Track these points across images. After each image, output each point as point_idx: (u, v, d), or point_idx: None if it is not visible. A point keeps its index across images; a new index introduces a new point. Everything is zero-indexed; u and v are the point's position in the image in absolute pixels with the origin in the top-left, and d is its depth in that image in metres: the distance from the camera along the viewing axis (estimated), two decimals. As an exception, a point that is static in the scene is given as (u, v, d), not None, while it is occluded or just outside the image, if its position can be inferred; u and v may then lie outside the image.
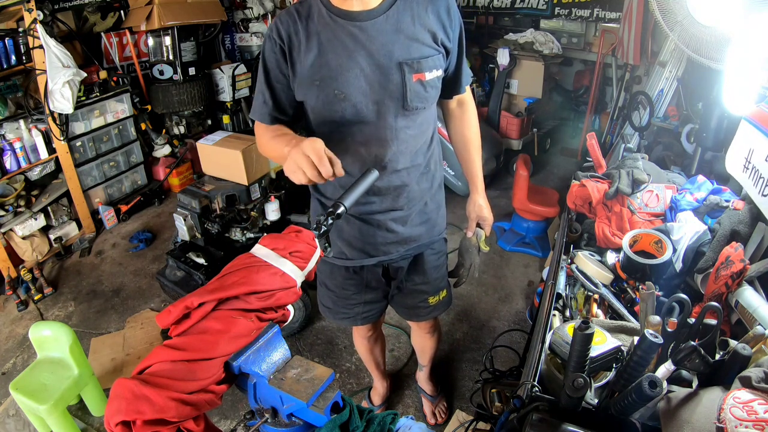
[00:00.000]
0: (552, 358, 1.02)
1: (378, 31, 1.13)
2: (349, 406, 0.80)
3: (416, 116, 1.24)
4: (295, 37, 1.15)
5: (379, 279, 1.51)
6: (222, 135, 2.55)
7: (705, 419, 0.76)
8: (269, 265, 0.90)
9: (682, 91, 2.74)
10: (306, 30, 1.15)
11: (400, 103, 1.18)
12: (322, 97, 1.17)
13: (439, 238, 1.50)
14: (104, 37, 3.50)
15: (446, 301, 1.63)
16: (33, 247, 3.04)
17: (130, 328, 2.60)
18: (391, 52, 1.13)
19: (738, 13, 1.35)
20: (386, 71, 1.14)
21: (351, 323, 1.63)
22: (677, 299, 1.01)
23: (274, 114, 1.24)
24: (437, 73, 1.20)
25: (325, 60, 1.14)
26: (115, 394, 0.70)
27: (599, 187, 1.57)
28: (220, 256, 2.44)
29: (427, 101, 1.22)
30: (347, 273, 1.48)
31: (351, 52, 1.13)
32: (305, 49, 1.15)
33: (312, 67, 1.15)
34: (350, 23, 1.13)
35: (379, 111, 1.18)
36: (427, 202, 1.40)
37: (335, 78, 1.14)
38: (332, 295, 1.56)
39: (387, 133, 1.21)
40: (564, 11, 4.17)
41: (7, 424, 2.07)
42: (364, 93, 1.16)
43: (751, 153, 1.27)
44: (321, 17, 1.14)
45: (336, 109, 1.17)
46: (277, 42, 1.16)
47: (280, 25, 1.16)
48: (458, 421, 1.99)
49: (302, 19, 1.15)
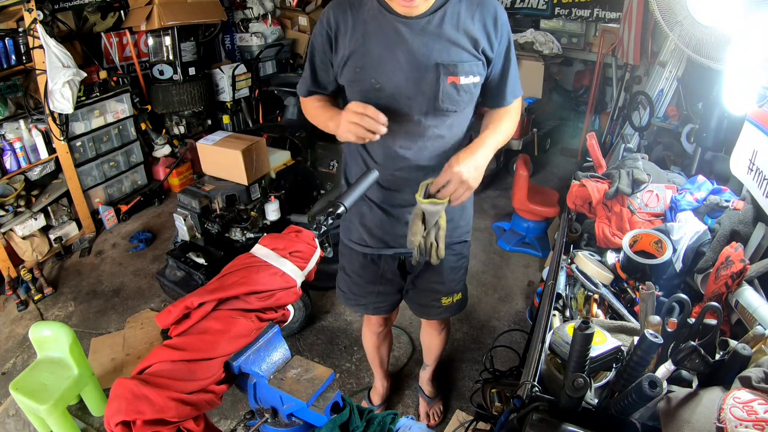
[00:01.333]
0: (552, 358, 1.02)
1: (421, 31, 1.17)
2: (349, 406, 0.80)
3: (446, 117, 1.27)
4: (343, 25, 1.23)
5: (395, 271, 1.54)
6: (222, 135, 2.55)
7: (705, 419, 0.76)
8: (269, 265, 0.90)
9: (682, 91, 2.74)
10: (354, 18, 1.22)
11: (431, 102, 1.22)
12: (361, 83, 1.24)
13: (459, 240, 1.51)
14: (104, 37, 3.50)
15: (459, 305, 1.64)
16: (33, 247, 3.04)
17: (130, 328, 2.60)
18: (429, 52, 1.18)
19: (738, 13, 1.34)
20: (422, 69, 1.19)
21: (363, 311, 1.68)
22: (677, 299, 1.01)
23: (311, 89, 1.37)
24: (473, 79, 1.21)
25: (368, 49, 1.21)
26: (115, 394, 0.70)
27: (599, 187, 1.57)
28: (220, 256, 2.44)
29: (459, 105, 1.24)
30: (365, 260, 1.53)
31: (392, 46, 1.19)
32: (351, 36, 1.22)
33: (355, 54, 1.22)
34: (397, 18, 1.18)
35: (411, 106, 1.23)
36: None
37: (374, 67, 1.21)
38: (349, 280, 1.61)
39: (415, 129, 1.26)
40: (564, 11, 4.16)
41: (7, 424, 2.07)
42: (398, 86, 1.21)
43: (755, 154, 1.27)
44: (371, 9, 1.20)
45: (371, 97, 1.23)
46: (325, 27, 1.25)
47: (331, 12, 1.24)
48: (458, 421, 1.99)
49: (353, 8, 1.22)
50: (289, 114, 3.26)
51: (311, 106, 1.39)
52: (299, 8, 4.68)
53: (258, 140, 2.46)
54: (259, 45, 4.31)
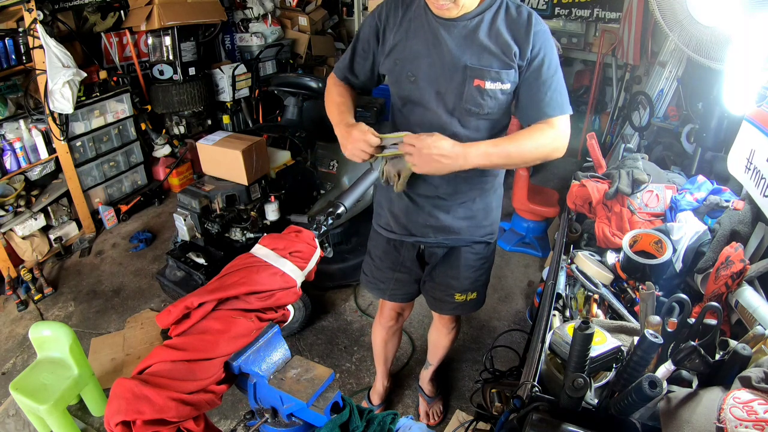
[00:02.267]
0: (552, 358, 1.02)
1: (457, 34, 1.25)
2: (349, 406, 0.80)
3: (471, 118, 1.31)
4: (393, 20, 1.33)
5: (414, 260, 1.60)
6: (222, 135, 2.55)
7: (705, 419, 0.76)
8: (269, 265, 0.90)
9: (682, 91, 2.75)
10: (403, 15, 1.32)
11: (457, 101, 1.29)
12: (398, 74, 1.34)
13: (482, 239, 1.54)
14: (104, 37, 3.49)
15: (473, 304, 1.67)
16: (33, 247, 3.04)
17: (130, 328, 2.60)
18: (461, 54, 1.25)
19: (738, 13, 1.34)
20: (453, 69, 1.26)
21: (380, 295, 1.74)
22: (677, 299, 1.01)
23: (346, 74, 1.46)
24: (500, 85, 1.26)
25: (409, 44, 1.31)
26: (115, 394, 0.70)
27: (599, 187, 1.57)
28: (220, 256, 2.44)
29: (482, 108, 1.28)
30: (387, 246, 1.61)
31: (430, 44, 1.28)
32: (397, 30, 1.32)
33: (397, 47, 1.33)
34: (438, 19, 1.26)
35: (439, 102, 1.31)
36: (475, 199, 1.46)
37: (411, 61, 1.31)
38: (372, 264, 1.69)
39: (441, 123, 1.31)
40: (564, 11, 4.16)
41: (7, 424, 2.07)
42: (430, 82, 1.29)
43: (753, 154, 1.27)
44: (419, 7, 1.30)
45: (405, 88, 1.34)
46: (376, 20, 1.36)
47: (384, 7, 1.35)
48: (458, 421, 1.99)
49: (404, 6, 1.33)
50: (289, 114, 3.25)
51: (335, 93, 1.45)
52: (299, 8, 4.68)
53: (258, 140, 2.46)
54: (259, 45, 4.31)
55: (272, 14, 4.45)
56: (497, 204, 1.55)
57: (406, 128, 1.35)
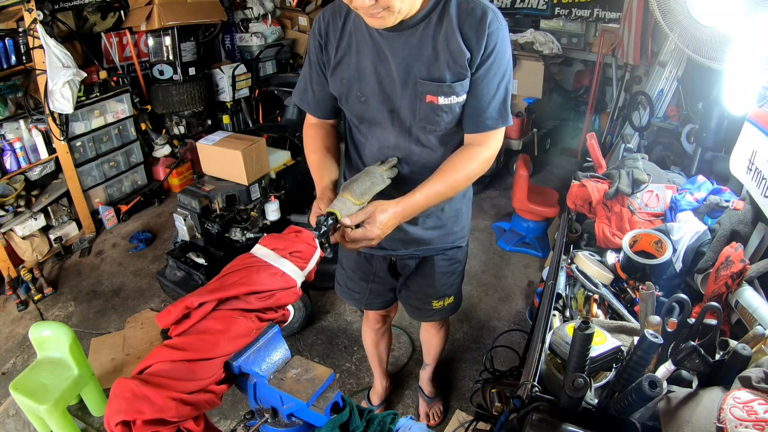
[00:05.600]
0: (552, 358, 1.02)
1: (403, 44, 1.11)
2: (349, 406, 0.80)
3: (428, 135, 1.22)
4: (332, 34, 1.19)
5: (386, 271, 1.56)
6: (222, 135, 2.55)
7: (705, 419, 0.76)
8: (269, 265, 0.90)
9: (682, 91, 2.75)
10: (342, 28, 1.17)
11: (411, 118, 1.18)
12: (348, 95, 1.21)
13: (452, 245, 1.50)
14: (104, 37, 3.50)
15: (452, 307, 1.64)
16: (33, 247, 3.04)
17: (130, 328, 2.60)
18: (409, 68, 1.12)
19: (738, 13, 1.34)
20: (402, 85, 1.14)
21: (356, 305, 1.72)
22: (677, 299, 1.01)
23: (314, 108, 1.33)
24: (456, 99, 1.12)
25: (353, 61, 1.17)
26: (115, 394, 0.70)
27: (599, 187, 1.57)
28: (220, 256, 2.44)
29: (438, 125, 1.16)
30: (358, 257, 1.55)
31: (375, 59, 1.15)
32: (337, 46, 1.18)
33: (341, 65, 1.19)
34: (378, 31, 1.11)
35: (394, 120, 1.21)
36: (444, 208, 1.39)
37: (358, 80, 1.18)
38: (344, 274, 1.64)
39: (399, 142, 1.24)
40: (564, 11, 4.16)
41: (7, 424, 2.07)
42: (380, 100, 1.18)
43: (754, 154, 1.27)
44: (357, 18, 1.13)
45: (357, 109, 1.23)
46: (317, 37, 1.22)
47: (321, 21, 1.20)
48: (458, 421, 1.99)
49: (341, 17, 1.18)
50: (289, 114, 3.26)
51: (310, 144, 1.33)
52: (299, 8, 4.68)
53: (258, 140, 2.46)
54: (259, 45, 4.31)
55: (272, 14, 4.45)
56: (467, 208, 1.49)
57: (366, 148, 1.28)
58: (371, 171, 1.21)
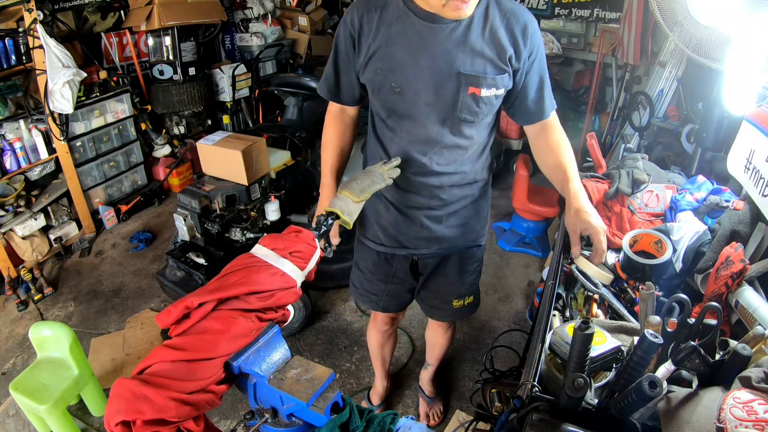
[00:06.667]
0: (552, 358, 1.02)
1: (446, 37, 1.13)
2: (349, 406, 0.80)
3: (464, 127, 1.25)
4: (367, 25, 1.19)
5: (407, 271, 1.54)
6: (222, 135, 2.55)
7: (705, 419, 0.76)
8: (269, 265, 0.90)
9: (682, 91, 2.75)
10: (379, 19, 1.18)
11: (450, 111, 1.20)
12: (381, 87, 1.22)
13: (474, 244, 1.51)
14: (104, 37, 3.50)
15: (471, 307, 1.64)
16: (33, 247, 3.04)
17: (130, 328, 2.60)
18: (452, 61, 1.14)
19: (738, 13, 1.34)
20: (444, 78, 1.16)
21: (372, 307, 1.69)
22: (677, 299, 1.01)
23: (337, 97, 1.34)
24: (495, 91, 1.19)
25: (390, 52, 1.18)
26: (115, 394, 0.70)
27: (599, 187, 1.57)
28: (220, 256, 2.44)
29: (477, 116, 1.22)
30: (378, 258, 1.53)
31: (415, 50, 1.15)
32: (373, 37, 1.19)
33: (376, 56, 1.20)
34: (422, 21, 1.14)
35: (429, 113, 1.22)
36: (467, 206, 1.42)
37: (395, 71, 1.18)
38: (361, 276, 1.62)
39: (432, 135, 1.25)
40: (564, 11, 4.16)
41: (7, 424, 2.07)
42: (418, 92, 1.19)
43: (752, 154, 1.27)
44: (396, 9, 1.16)
45: (390, 101, 1.23)
46: (349, 27, 1.22)
47: (355, 12, 1.21)
48: (458, 421, 1.99)
49: (377, 8, 1.18)
50: (289, 114, 3.26)
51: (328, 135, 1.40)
52: (299, 8, 4.68)
53: (258, 140, 2.46)
54: (259, 45, 4.30)
55: (272, 14, 4.44)
56: (487, 205, 1.52)
57: (393, 142, 1.29)
58: (371, 170, 1.22)
